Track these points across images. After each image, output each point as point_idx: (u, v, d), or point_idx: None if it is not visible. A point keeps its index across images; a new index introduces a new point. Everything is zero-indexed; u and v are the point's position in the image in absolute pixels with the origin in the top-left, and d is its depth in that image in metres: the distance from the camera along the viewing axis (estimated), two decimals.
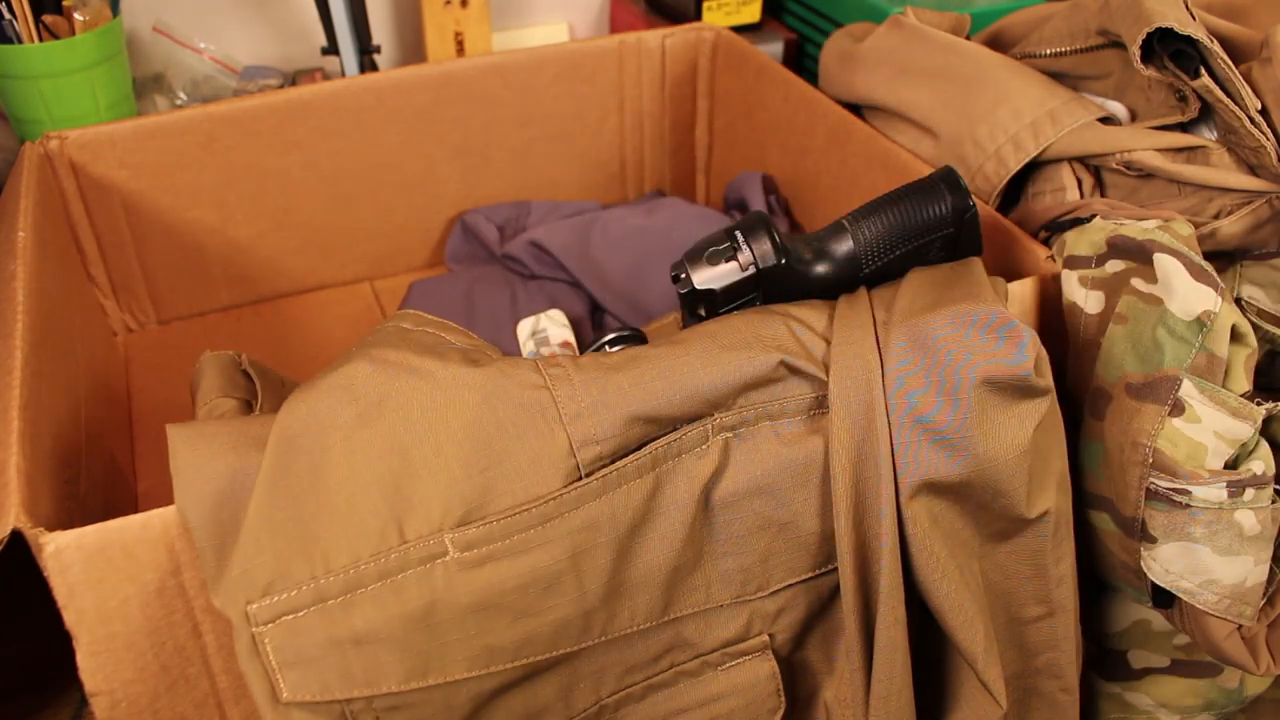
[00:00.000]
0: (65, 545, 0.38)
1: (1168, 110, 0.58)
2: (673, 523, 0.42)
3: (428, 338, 0.44)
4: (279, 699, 0.39)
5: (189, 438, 0.40)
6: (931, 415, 0.43)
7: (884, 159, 0.67)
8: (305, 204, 0.81)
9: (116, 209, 0.75)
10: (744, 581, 0.45)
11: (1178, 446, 0.46)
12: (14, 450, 0.42)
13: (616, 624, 0.42)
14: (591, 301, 0.79)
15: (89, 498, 0.51)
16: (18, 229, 0.59)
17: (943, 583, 0.44)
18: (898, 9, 0.74)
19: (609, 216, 0.81)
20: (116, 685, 0.41)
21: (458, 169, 0.85)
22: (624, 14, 1.10)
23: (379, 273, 0.87)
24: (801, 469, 0.43)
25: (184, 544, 0.40)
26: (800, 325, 0.45)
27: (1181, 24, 0.53)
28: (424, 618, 0.39)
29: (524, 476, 0.40)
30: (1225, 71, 0.53)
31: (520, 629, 0.40)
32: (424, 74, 0.80)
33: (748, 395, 0.43)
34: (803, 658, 0.48)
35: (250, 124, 0.76)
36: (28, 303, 0.52)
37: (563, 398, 0.41)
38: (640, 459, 0.41)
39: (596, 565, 0.41)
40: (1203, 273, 0.47)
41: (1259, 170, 0.54)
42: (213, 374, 0.51)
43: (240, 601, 0.39)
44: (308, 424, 0.40)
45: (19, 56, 0.79)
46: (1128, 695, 0.56)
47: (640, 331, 0.57)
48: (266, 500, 0.39)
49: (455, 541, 0.39)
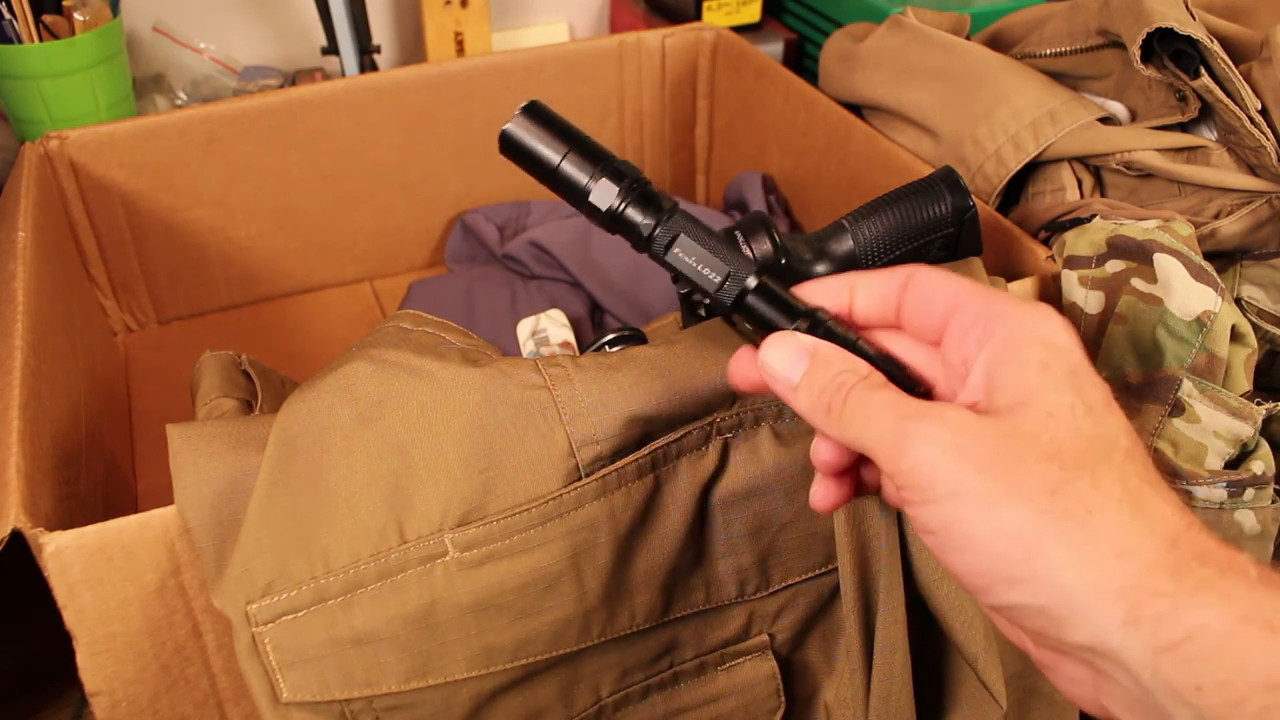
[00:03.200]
0: (65, 545, 0.38)
1: (1168, 110, 0.58)
2: (673, 523, 0.42)
3: (428, 338, 0.44)
4: (279, 699, 0.39)
5: (189, 438, 0.40)
6: None
7: (884, 159, 0.67)
8: (305, 204, 0.81)
9: (116, 209, 0.75)
10: (744, 581, 0.45)
11: (1178, 447, 0.46)
12: (14, 450, 0.42)
13: (616, 624, 0.42)
14: (591, 301, 0.79)
15: (89, 498, 0.51)
16: (18, 229, 0.59)
17: (943, 583, 0.44)
18: (898, 9, 0.74)
19: None
20: (116, 685, 0.41)
21: (458, 169, 0.85)
22: (624, 14, 1.10)
23: (379, 273, 0.87)
24: (801, 469, 0.43)
25: (184, 544, 0.40)
26: None
27: (1181, 24, 0.53)
28: (424, 618, 0.39)
29: (524, 476, 0.40)
30: (1225, 71, 0.53)
31: (520, 629, 0.40)
32: (424, 74, 0.80)
33: (747, 395, 0.43)
34: (803, 658, 0.48)
35: (250, 124, 0.76)
36: (28, 303, 0.52)
37: (563, 398, 0.41)
38: (640, 459, 0.41)
39: (596, 565, 0.41)
40: (1203, 273, 0.47)
41: (1259, 170, 0.54)
42: (213, 374, 0.51)
43: (240, 601, 0.39)
44: (308, 424, 0.40)
45: (19, 56, 0.79)
46: None
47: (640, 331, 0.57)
48: (266, 500, 0.39)
49: (455, 541, 0.39)
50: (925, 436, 0.28)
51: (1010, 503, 0.26)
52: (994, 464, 0.27)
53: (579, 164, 0.36)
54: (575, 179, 0.36)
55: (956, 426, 0.28)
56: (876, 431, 0.29)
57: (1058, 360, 0.28)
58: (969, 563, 0.27)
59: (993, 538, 0.26)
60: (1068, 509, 0.26)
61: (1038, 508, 0.26)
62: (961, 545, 0.27)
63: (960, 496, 0.27)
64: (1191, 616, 0.24)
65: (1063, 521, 0.25)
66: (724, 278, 0.36)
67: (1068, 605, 0.25)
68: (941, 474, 0.27)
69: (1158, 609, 0.24)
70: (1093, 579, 0.25)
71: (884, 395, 0.30)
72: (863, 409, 0.30)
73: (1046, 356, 0.28)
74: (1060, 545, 0.25)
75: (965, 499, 0.27)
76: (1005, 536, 0.26)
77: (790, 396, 0.32)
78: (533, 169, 0.37)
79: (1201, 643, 0.24)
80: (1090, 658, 0.26)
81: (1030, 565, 0.26)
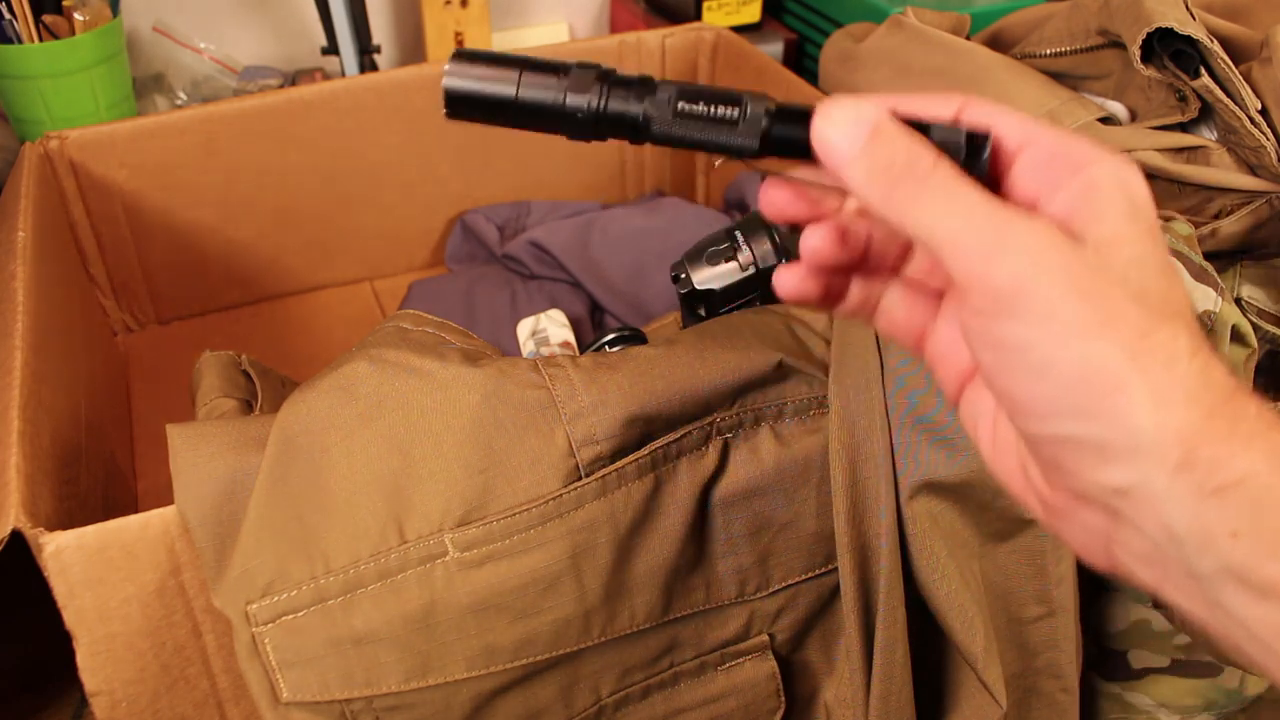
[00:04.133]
0: (65, 545, 0.38)
1: (1168, 110, 0.58)
2: (672, 523, 0.42)
3: (428, 338, 0.44)
4: (279, 699, 0.39)
5: (189, 438, 0.40)
6: (932, 415, 0.43)
7: None
8: (305, 204, 0.81)
9: (116, 209, 0.75)
10: (744, 581, 0.45)
11: None
12: (14, 450, 0.42)
13: (616, 624, 0.42)
14: (591, 301, 0.79)
15: (89, 498, 0.51)
16: (18, 229, 0.59)
17: (943, 583, 0.44)
18: (898, 9, 0.74)
19: (609, 216, 0.81)
20: (116, 685, 0.41)
21: (458, 169, 0.85)
22: (624, 14, 1.10)
23: (379, 273, 0.87)
24: (801, 469, 0.43)
25: (184, 544, 0.40)
26: (800, 325, 0.45)
27: (1181, 24, 0.53)
28: (424, 618, 0.39)
29: (524, 476, 0.40)
30: (1225, 71, 0.53)
31: (520, 629, 0.40)
32: (424, 74, 0.80)
33: (747, 395, 0.43)
34: (803, 658, 0.48)
35: (250, 124, 0.76)
36: (28, 303, 0.52)
37: (562, 398, 0.41)
38: (640, 459, 0.41)
39: (596, 565, 0.41)
40: (1203, 273, 0.47)
41: (1259, 170, 0.54)
42: (213, 374, 0.51)
43: (240, 601, 0.39)
44: (308, 424, 0.40)
45: (19, 56, 0.79)
46: (1128, 695, 0.56)
47: (640, 331, 0.57)
48: (266, 500, 0.39)
49: (455, 541, 0.39)
50: (1024, 247, 0.26)
51: (1104, 335, 0.25)
52: (1093, 293, 0.26)
53: (539, 81, 0.32)
54: (541, 99, 0.32)
55: (1058, 244, 0.26)
56: (961, 226, 0.27)
57: (1142, 213, 0.27)
58: (1039, 390, 0.26)
59: (1078, 368, 0.25)
60: (1154, 352, 0.25)
61: (1129, 347, 0.25)
62: (1039, 371, 0.26)
63: (1053, 320, 0.26)
64: (1242, 463, 0.24)
65: (1150, 365, 0.25)
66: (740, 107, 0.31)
67: (1130, 443, 0.25)
68: (1039, 291, 0.26)
69: (1213, 453, 0.24)
70: (1161, 420, 0.25)
71: (970, 189, 0.27)
72: (945, 198, 0.27)
73: (1133, 207, 0.27)
74: (1144, 387, 0.25)
75: (1057, 323, 0.26)
76: (1093, 370, 0.25)
77: (847, 166, 0.29)
78: (491, 114, 0.33)
79: (1249, 489, 0.24)
80: (1119, 503, 0.26)
81: (1110, 400, 0.25)
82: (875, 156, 0.28)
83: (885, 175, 0.28)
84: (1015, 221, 0.27)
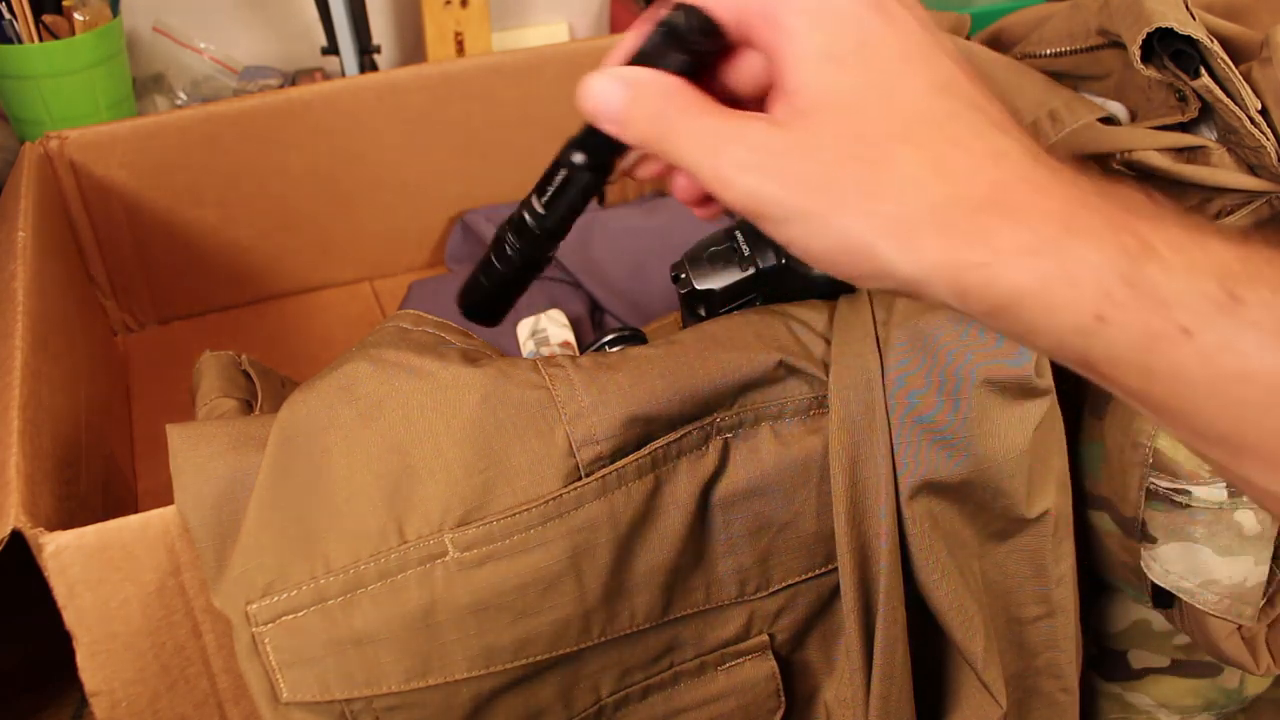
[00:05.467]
0: (65, 545, 0.38)
1: (1168, 110, 0.58)
2: (673, 523, 0.42)
3: (427, 338, 0.44)
4: (279, 699, 0.39)
5: (189, 438, 0.40)
6: (932, 415, 0.43)
7: None
8: (305, 204, 0.81)
9: (116, 209, 0.75)
10: (744, 581, 0.45)
11: (1178, 447, 0.46)
12: (14, 450, 0.42)
13: (616, 624, 0.42)
14: (591, 301, 0.79)
15: (89, 498, 0.51)
16: (18, 229, 0.59)
17: (943, 583, 0.44)
18: None
19: (609, 216, 0.81)
20: (116, 685, 0.41)
21: (458, 169, 0.85)
22: (624, 14, 1.10)
23: (379, 273, 0.87)
24: (801, 469, 0.43)
25: (184, 544, 0.40)
26: (800, 325, 0.45)
27: (1181, 24, 0.53)
28: (424, 618, 0.39)
29: (524, 476, 0.40)
30: (1225, 71, 0.53)
31: (520, 629, 0.40)
32: (424, 74, 0.80)
33: (747, 395, 0.43)
34: (803, 658, 0.48)
35: (250, 124, 0.76)
36: (28, 303, 0.52)
37: (562, 397, 0.41)
38: (640, 459, 0.41)
39: (596, 565, 0.41)
40: None
41: (1259, 170, 0.54)
42: (213, 374, 0.51)
43: (240, 601, 0.39)
44: (308, 424, 0.40)
45: (19, 56, 0.79)
46: (1128, 695, 0.56)
47: (640, 331, 0.57)
48: (266, 500, 0.39)
49: (455, 541, 0.39)
50: (739, 163, 0.28)
51: (838, 216, 0.27)
52: (809, 181, 0.27)
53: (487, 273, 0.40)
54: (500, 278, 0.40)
55: (762, 147, 0.27)
56: (701, 159, 0.28)
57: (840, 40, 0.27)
58: (827, 269, 0.28)
59: (835, 251, 0.27)
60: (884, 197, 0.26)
61: (863, 214, 0.26)
62: (818, 257, 0.28)
63: (793, 219, 0.27)
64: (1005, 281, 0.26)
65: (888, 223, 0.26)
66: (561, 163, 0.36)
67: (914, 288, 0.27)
68: (768, 199, 0.27)
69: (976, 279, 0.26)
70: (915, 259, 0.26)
71: (701, 121, 0.29)
72: (686, 135, 0.29)
73: (825, 40, 0.27)
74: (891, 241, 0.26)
75: (799, 220, 0.27)
76: (844, 250, 0.27)
77: (622, 135, 0.31)
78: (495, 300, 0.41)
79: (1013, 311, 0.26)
80: None
81: (872, 264, 0.27)
82: (639, 117, 0.30)
83: (652, 131, 0.30)
84: (730, 139, 0.28)
